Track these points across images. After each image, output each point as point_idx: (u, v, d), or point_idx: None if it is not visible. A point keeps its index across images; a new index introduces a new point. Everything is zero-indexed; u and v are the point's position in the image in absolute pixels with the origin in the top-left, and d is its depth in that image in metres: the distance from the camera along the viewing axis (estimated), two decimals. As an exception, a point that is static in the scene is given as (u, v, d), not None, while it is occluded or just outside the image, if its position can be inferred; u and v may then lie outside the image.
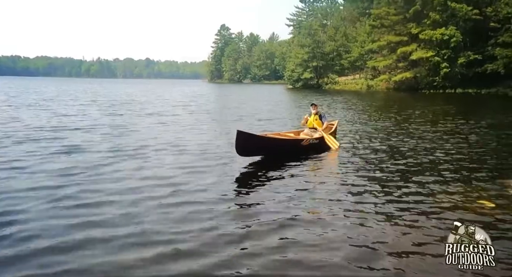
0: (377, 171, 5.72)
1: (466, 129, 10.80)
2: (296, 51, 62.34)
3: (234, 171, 5.62)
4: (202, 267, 2.76)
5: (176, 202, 4.17)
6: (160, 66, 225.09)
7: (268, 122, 12.29)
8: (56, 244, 3.07)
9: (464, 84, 36.91)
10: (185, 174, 5.37)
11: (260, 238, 3.26)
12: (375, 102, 24.98)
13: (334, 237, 3.31)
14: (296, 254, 2.97)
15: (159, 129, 10.21)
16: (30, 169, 5.43)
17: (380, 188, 4.82)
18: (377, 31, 45.81)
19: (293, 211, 3.92)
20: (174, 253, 2.96)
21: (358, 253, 2.98)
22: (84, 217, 3.67)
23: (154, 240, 3.20)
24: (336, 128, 8.77)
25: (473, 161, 6.56)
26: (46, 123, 10.82)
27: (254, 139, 6.17)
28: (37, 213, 3.77)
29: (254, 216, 3.78)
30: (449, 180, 5.18)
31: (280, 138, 7.17)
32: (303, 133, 7.86)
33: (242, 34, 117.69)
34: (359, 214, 3.87)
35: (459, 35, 35.94)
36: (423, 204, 4.19)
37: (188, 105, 20.06)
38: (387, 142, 8.49)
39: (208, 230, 3.38)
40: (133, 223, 3.56)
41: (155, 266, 2.77)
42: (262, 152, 6.37)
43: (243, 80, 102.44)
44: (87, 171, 5.37)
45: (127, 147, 7.23)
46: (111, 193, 4.45)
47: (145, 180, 5.01)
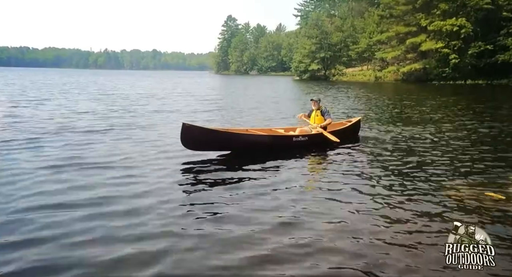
0: (382, 164, 5.63)
1: (476, 121, 10.64)
2: (303, 42, 61.80)
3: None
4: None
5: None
6: (166, 58, 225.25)
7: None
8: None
9: (475, 75, 36.32)
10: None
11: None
12: (385, 93, 24.66)
13: (333, 235, 3.25)
14: (289, 251, 2.94)
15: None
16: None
17: (383, 181, 4.74)
18: (385, 21, 45.13)
19: (281, 209, 3.88)
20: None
21: (357, 252, 2.93)
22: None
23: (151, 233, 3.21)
24: (357, 126, 7.95)
25: (483, 153, 6.47)
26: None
27: (204, 133, 5.71)
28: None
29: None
30: (457, 172, 5.11)
31: (235, 132, 6.30)
32: (300, 129, 7.14)
33: (249, 25, 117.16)
34: (360, 208, 3.81)
35: (469, 25, 35.21)
36: (430, 196, 4.13)
37: (211, 99, 18.55)
38: (399, 133, 8.34)
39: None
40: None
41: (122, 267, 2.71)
42: (217, 146, 5.95)
43: (250, 71, 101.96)
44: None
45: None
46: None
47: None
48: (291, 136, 6.66)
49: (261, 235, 3.18)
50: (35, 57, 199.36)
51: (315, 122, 7.16)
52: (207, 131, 5.90)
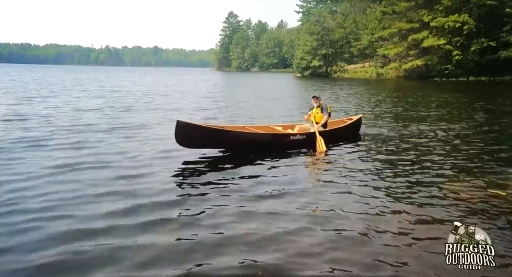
0: (381, 162, 5.62)
1: (479, 118, 10.61)
2: (304, 39, 61.51)
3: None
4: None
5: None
6: (168, 54, 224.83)
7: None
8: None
9: (477, 71, 36.08)
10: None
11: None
12: (387, 90, 24.54)
13: (330, 234, 3.24)
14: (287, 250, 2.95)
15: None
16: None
17: (382, 180, 4.72)
18: (388, 17, 44.87)
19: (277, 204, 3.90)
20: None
21: (355, 252, 2.92)
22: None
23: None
24: (357, 124, 7.85)
25: (488, 150, 6.47)
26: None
27: (198, 130, 5.62)
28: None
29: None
30: (459, 170, 5.10)
31: (230, 130, 6.21)
32: (299, 127, 7.04)
33: (250, 21, 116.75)
34: (358, 207, 3.80)
35: (472, 21, 34.92)
36: (431, 195, 4.12)
37: (214, 97, 18.51)
38: (400, 130, 8.33)
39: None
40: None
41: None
42: (212, 144, 5.88)
43: (251, 68, 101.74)
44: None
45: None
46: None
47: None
48: (288, 134, 6.55)
49: (258, 236, 3.16)
50: (37, 54, 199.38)
51: (316, 119, 7.13)
52: (202, 128, 5.73)
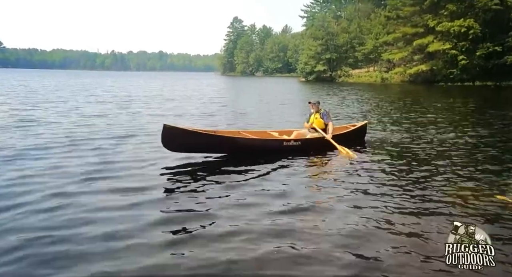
0: (385, 168, 5.59)
1: (485, 123, 10.53)
2: (309, 44, 61.69)
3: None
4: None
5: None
6: (173, 59, 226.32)
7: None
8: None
9: (483, 76, 35.93)
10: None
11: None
12: (392, 95, 24.42)
13: (331, 233, 3.26)
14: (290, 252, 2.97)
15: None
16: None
17: (385, 185, 4.70)
18: (392, 22, 44.92)
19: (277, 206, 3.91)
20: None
21: (356, 252, 2.92)
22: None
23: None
24: (363, 131, 7.66)
25: (495, 156, 6.43)
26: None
27: (186, 134, 5.54)
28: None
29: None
30: (463, 175, 5.05)
31: (219, 134, 6.09)
32: (297, 133, 6.81)
33: (254, 26, 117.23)
34: (359, 209, 3.80)
35: (477, 26, 34.85)
36: (434, 199, 4.10)
37: (221, 102, 18.39)
38: (404, 138, 8.19)
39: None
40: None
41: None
42: (200, 149, 5.77)
43: (256, 73, 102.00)
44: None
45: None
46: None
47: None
48: (282, 140, 6.40)
49: (254, 239, 3.15)
50: (43, 59, 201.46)
51: (315, 124, 6.85)
52: (189, 132, 5.65)
